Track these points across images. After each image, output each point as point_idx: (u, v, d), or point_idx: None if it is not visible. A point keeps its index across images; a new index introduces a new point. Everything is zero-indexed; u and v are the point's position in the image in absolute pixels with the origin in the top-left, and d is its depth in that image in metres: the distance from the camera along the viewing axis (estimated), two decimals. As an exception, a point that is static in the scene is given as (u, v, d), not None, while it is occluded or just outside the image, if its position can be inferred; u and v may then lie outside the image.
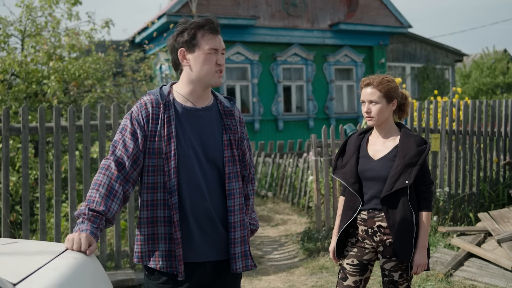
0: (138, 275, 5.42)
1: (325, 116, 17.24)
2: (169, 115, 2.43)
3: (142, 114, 2.43)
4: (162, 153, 2.41)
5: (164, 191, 2.41)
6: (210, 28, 2.47)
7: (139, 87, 9.38)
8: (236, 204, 2.51)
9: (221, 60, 2.48)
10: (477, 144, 7.52)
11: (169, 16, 14.33)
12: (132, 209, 5.63)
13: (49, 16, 8.80)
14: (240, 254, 2.51)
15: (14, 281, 1.78)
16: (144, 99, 2.49)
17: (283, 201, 10.48)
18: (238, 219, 2.51)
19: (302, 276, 5.76)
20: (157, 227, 2.43)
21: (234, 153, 2.54)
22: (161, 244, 2.42)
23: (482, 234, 5.95)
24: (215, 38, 2.47)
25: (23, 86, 7.64)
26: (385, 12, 17.74)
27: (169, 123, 2.42)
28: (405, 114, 3.30)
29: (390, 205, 3.03)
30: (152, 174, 2.42)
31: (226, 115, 2.58)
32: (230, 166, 2.51)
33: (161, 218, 2.42)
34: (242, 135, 2.62)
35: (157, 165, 2.42)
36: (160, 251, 2.42)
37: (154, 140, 2.42)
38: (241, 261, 2.52)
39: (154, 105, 2.45)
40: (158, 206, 2.42)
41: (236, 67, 15.98)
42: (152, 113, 2.44)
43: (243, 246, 2.53)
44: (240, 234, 2.52)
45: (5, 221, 5.08)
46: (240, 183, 2.56)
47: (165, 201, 2.41)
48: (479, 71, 28.07)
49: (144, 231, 2.44)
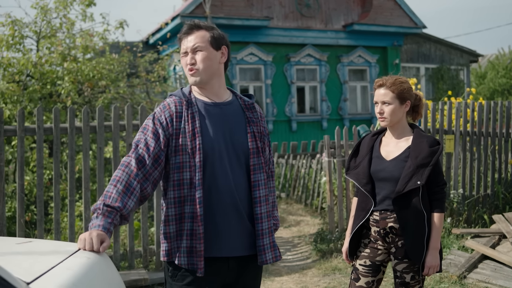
0: (151, 275, 5.45)
1: (339, 117, 17.19)
2: (193, 112, 2.47)
3: (165, 115, 2.47)
4: (187, 149, 2.43)
5: (190, 187, 2.43)
6: (182, 32, 2.54)
7: (153, 88, 9.42)
8: (262, 195, 2.53)
9: (189, 59, 2.50)
10: (491, 145, 7.46)
11: (182, 17, 14.35)
12: (146, 209, 5.66)
13: (64, 18, 8.86)
14: (269, 245, 2.52)
15: (28, 280, 1.80)
16: (167, 100, 2.53)
17: (296, 202, 10.47)
18: (264, 210, 2.52)
19: (314, 277, 5.75)
20: (184, 223, 2.45)
21: (258, 144, 2.55)
22: (184, 240, 2.43)
23: (497, 236, 5.90)
24: (185, 41, 2.52)
25: (38, 87, 7.71)
26: (399, 12, 17.65)
27: (193, 119, 2.45)
28: (419, 115, 3.29)
29: (402, 206, 3.03)
30: (178, 171, 2.44)
31: (248, 109, 2.61)
32: (255, 158, 2.53)
33: (188, 214, 2.43)
34: (264, 129, 2.64)
35: (183, 161, 2.43)
36: (183, 247, 2.43)
37: (179, 137, 2.44)
38: (270, 252, 2.53)
39: (177, 104, 2.49)
40: (185, 203, 2.44)
41: (250, 68, 15.99)
42: (176, 111, 2.47)
43: (270, 237, 2.54)
44: (268, 225, 2.53)
45: (20, 220, 5.13)
46: (264, 174, 2.57)
47: (191, 197, 2.42)
48: (494, 72, 27.80)
49: (172, 228, 2.46)
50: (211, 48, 2.51)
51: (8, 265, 1.77)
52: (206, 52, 2.49)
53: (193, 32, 2.51)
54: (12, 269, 1.77)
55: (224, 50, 2.57)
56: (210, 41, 2.52)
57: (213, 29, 2.56)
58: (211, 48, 2.52)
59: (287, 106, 16.42)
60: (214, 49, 2.53)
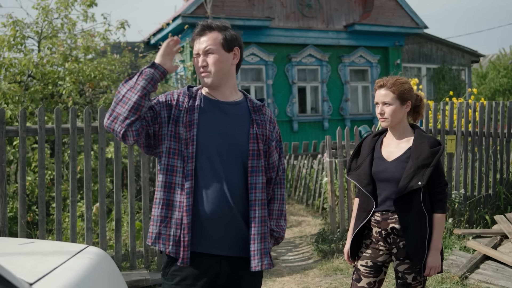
0: (153, 275, 5.45)
1: (340, 117, 17.18)
2: (194, 104, 2.49)
3: (166, 98, 2.51)
4: (182, 138, 2.44)
5: (182, 175, 2.43)
6: (195, 33, 2.55)
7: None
8: (257, 198, 2.50)
9: (201, 62, 2.51)
10: (493, 145, 7.46)
11: (184, 18, 14.35)
12: (147, 210, 5.66)
13: (65, 18, 8.87)
14: (259, 251, 2.46)
15: (31, 280, 1.80)
16: (172, 91, 2.56)
17: (297, 203, 10.47)
18: (259, 214, 2.49)
19: (316, 278, 5.76)
20: (171, 211, 2.44)
21: (259, 147, 2.53)
22: (173, 229, 2.42)
23: (498, 236, 5.90)
24: (197, 42, 2.53)
25: (39, 87, 7.71)
26: (400, 12, 17.64)
27: (192, 111, 2.47)
28: (420, 116, 3.29)
29: (403, 207, 3.03)
30: (172, 157, 2.45)
31: (255, 111, 2.60)
32: (254, 160, 2.51)
33: (176, 202, 2.43)
34: (270, 134, 2.62)
35: (178, 149, 2.45)
36: (172, 235, 2.42)
37: (177, 125, 2.46)
38: (260, 258, 2.46)
39: (181, 94, 2.52)
40: (175, 190, 2.43)
41: (251, 68, 15.98)
42: (178, 99, 2.50)
43: (263, 243, 2.48)
44: (261, 230, 2.48)
45: (22, 221, 5.13)
46: (264, 178, 2.55)
47: (182, 186, 2.42)
48: (495, 72, 27.78)
49: (158, 212, 2.45)
50: (222, 51, 2.51)
51: (11, 266, 1.78)
52: (217, 54, 2.49)
53: (205, 33, 2.51)
54: (15, 269, 1.78)
55: (236, 51, 2.57)
56: (222, 43, 2.51)
57: (226, 30, 2.54)
58: (223, 51, 2.51)
59: (289, 106, 16.42)
60: (226, 51, 2.52)
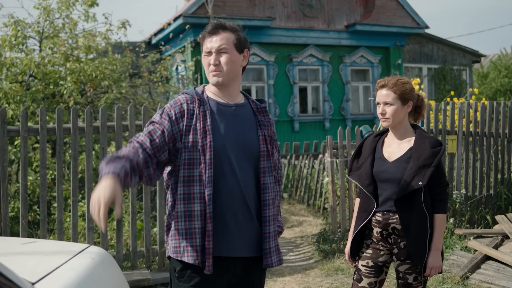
0: (154, 275, 5.46)
1: (341, 117, 17.19)
2: (204, 110, 2.47)
3: (175, 110, 2.46)
4: (198, 146, 2.42)
5: (200, 184, 2.42)
6: (207, 31, 2.53)
7: (155, 88, 9.43)
8: (270, 198, 2.54)
9: (213, 60, 2.48)
10: (494, 145, 7.46)
11: (185, 18, 14.37)
12: (148, 209, 5.67)
13: (67, 18, 8.88)
14: (274, 248, 2.54)
15: (33, 280, 1.81)
16: (178, 98, 2.52)
17: (298, 203, 10.47)
18: (271, 213, 2.54)
19: (317, 278, 5.76)
20: (194, 221, 2.42)
21: (268, 148, 2.57)
22: (197, 239, 2.41)
23: (499, 236, 5.90)
24: (209, 40, 2.50)
25: (41, 87, 7.73)
26: (401, 12, 17.64)
27: (205, 117, 2.45)
28: (421, 116, 3.29)
29: (404, 207, 3.03)
30: (188, 168, 2.43)
31: (259, 112, 2.63)
32: (265, 161, 2.55)
33: (197, 212, 2.41)
34: (273, 134, 2.67)
35: (193, 158, 2.42)
36: (197, 245, 2.41)
37: (189, 134, 2.43)
38: (275, 255, 2.54)
39: (188, 102, 2.48)
40: (194, 200, 2.42)
41: (252, 68, 15.98)
42: (187, 109, 2.46)
43: (275, 241, 2.57)
44: (274, 228, 2.56)
45: (23, 221, 5.14)
46: (273, 178, 2.59)
47: (201, 194, 2.42)
48: (496, 72, 27.76)
49: (182, 225, 2.43)
50: (235, 51, 2.51)
51: (13, 265, 1.78)
52: (230, 54, 2.49)
53: (218, 33, 2.50)
54: (17, 269, 1.78)
55: (246, 53, 2.57)
56: (235, 43, 2.51)
57: (238, 31, 2.55)
58: (235, 51, 2.51)
59: (290, 106, 16.42)
60: (238, 52, 2.52)
